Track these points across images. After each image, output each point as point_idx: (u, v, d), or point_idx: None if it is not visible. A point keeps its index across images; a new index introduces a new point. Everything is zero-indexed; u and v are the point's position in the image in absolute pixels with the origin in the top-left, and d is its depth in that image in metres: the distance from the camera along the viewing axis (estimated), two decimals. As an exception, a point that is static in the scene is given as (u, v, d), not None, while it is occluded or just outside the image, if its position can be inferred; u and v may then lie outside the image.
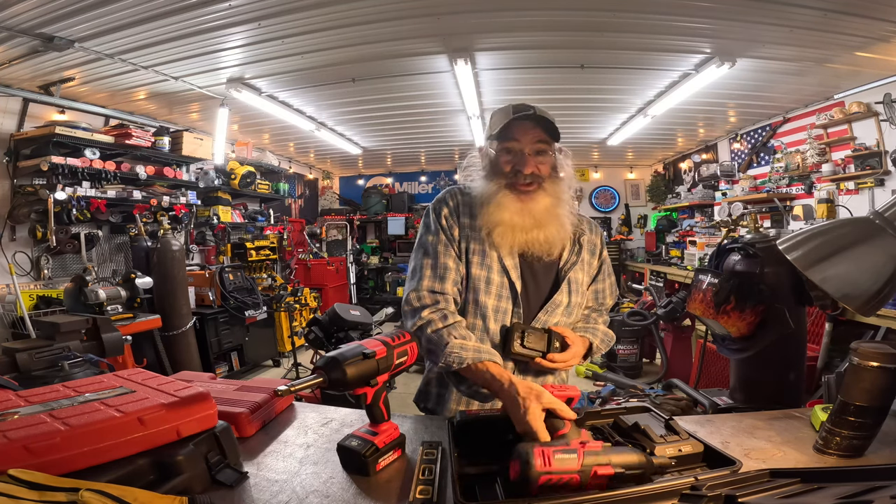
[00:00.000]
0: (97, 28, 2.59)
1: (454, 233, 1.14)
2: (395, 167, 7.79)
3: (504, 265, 1.11)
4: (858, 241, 0.97)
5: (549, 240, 1.11)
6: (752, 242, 1.60)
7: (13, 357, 1.32)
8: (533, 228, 1.09)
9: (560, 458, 0.65)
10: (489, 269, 1.11)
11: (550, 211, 1.11)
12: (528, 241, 1.10)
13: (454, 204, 1.17)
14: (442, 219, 1.15)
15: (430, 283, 1.11)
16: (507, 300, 1.12)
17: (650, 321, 4.02)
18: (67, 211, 3.28)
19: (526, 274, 1.14)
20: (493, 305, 1.11)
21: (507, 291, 1.12)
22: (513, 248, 1.11)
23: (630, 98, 4.25)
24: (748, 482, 0.66)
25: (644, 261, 6.81)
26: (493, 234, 1.10)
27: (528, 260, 1.14)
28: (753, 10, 2.56)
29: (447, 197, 1.18)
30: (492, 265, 1.12)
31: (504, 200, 1.09)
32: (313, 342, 2.94)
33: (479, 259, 1.12)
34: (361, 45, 3.05)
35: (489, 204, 1.11)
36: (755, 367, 1.59)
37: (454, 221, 1.15)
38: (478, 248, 1.13)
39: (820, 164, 4.09)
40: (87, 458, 0.67)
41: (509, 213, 1.09)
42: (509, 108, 1.10)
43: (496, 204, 1.10)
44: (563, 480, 0.64)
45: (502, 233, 1.09)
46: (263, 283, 5.09)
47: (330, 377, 0.76)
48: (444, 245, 1.13)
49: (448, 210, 1.16)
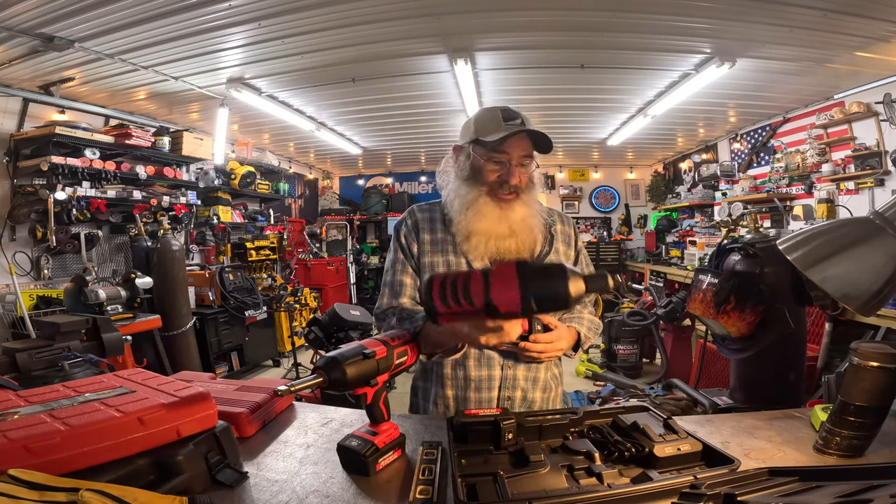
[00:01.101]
0: (97, 28, 2.59)
1: (413, 249, 1.19)
2: (395, 167, 7.79)
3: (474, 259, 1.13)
4: (858, 241, 0.97)
5: (519, 249, 1.12)
6: (752, 242, 1.61)
7: (13, 357, 1.32)
8: (508, 237, 1.11)
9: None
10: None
11: (525, 220, 1.12)
12: (500, 250, 1.11)
13: (412, 222, 1.21)
14: (401, 237, 1.21)
15: (388, 301, 1.18)
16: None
17: (650, 321, 4.03)
18: (67, 211, 3.28)
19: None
20: None
21: None
22: (484, 256, 1.13)
23: (630, 98, 4.25)
24: (747, 481, 0.66)
25: (644, 261, 6.82)
26: (469, 240, 1.12)
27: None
28: (753, 10, 2.56)
29: (406, 217, 1.23)
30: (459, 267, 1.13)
31: (485, 208, 1.10)
32: (313, 342, 2.95)
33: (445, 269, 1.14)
34: (361, 45, 3.05)
35: (468, 209, 1.11)
36: (755, 367, 1.59)
37: (413, 239, 1.19)
38: (441, 259, 1.15)
39: (820, 164, 4.09)
40: (87, 458, 0.67)
41: (488, 221, 1.10)
42: (497, 113, 1.09)
43: (476, 211, 1.10)
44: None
45: (477, 242, 1.11)
46: (263, 283, 5.09)
47: (330, 377, 0.76)
48: (402, 263, 1.19)
49: (406, 229, 1.21)
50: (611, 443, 0.82)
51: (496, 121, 1.08)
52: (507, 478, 0.73)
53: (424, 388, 1.22)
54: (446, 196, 1.19)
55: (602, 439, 0.84)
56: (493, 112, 1.11)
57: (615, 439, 0.82)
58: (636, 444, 0.79)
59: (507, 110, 1.10)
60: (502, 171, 1.09)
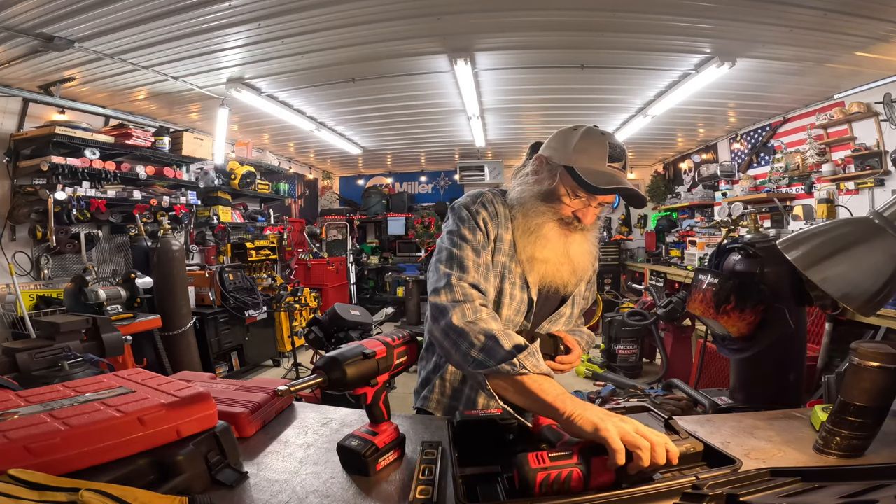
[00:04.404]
0: (97, 28, 2.59)
1: (490, 238, 1.08)
2: (395, 167, 7.79)
3: (527, 282, 1.11)
4: (858, 241, 0.97)
5: (566, 282, 1.11)
6: (752, 242, 1.61)
7: (13, 357, 1.32)
8: (564, 265, 1.09)
9: (555, 455, 0.66)
10: (513, 285, 1.11)
11: (584, 255, 1.10)
12: (554, 274, 1.09)
13: (492, 211, 1.09)
14: (480, 221, 1.07)
15: (475, 279, 0.99)
16: (521, 314, 1.13)
17: (650, 321, 4.02)
18: (67, 211, 3.28)
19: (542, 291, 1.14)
20: (507, 317, 1.12)
21: (524, 307, 1.13)
22: (538, 279, 1.11)
23: (630, 98, 4.25)
24: (749, 481, 0.66)
25: (644, 261, 6.81)
26: (529, 262, 1.09)
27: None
28: (753, 10, 2.56)
29: (485, 202, 1.09)
30: (516, 281, 1.11)
31: (550, 234, 1.06)
32: (313, 342, 2.94)
33: (506, 273, 1.11)
34: (361, 45, 3.05)
35: (533, 233, 1.07)
36: (755, 367, 1.59)
37: (493, 228, 1.08)
38: (506, 261, 1.10)
39: (820, 164, 4.08)
40: (87, 458, 0.67)
41: (549, 249, 1.07)
42: (604, 147, 1.00)
43: (541, 236, 1.06)
44: (564, 475, 0.64)
45: (537, 266, 1.09)
46: (263, 283, 5.09)
47: (330, 377, 0.76)
48: (483, 246, 1.06)
49: (487, 214, 1.08)
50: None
51: (601, 157, 1.00)
52: (508, 478, 0.73)
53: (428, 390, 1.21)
54: (514, 197, 1.11)
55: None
56: (600, 143, 1.01)
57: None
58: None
59: (615, 147, 1.00)
60: (581, 209, 1.05)
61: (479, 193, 1.12)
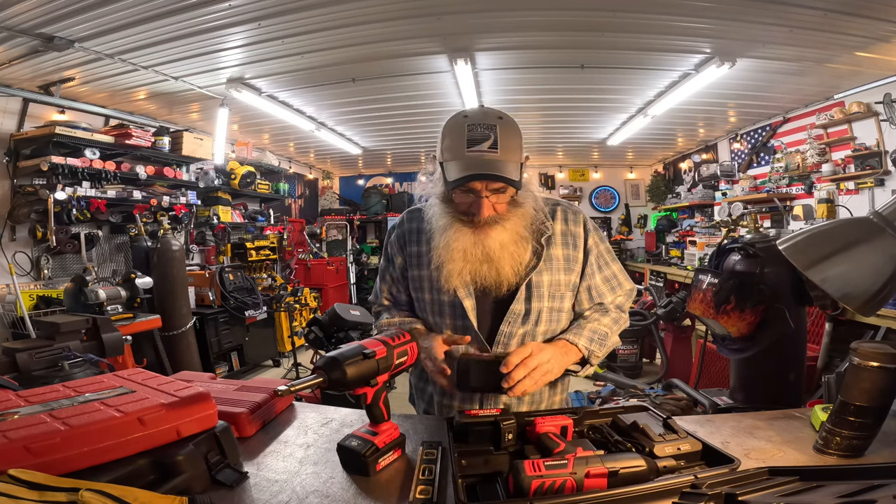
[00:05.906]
0: (97, 28, 2.59)
1: (396, 262, 1.18)
2: (395, 167, 7.79)
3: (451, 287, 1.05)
4: (858, 241, 0.97)
5: (498, 279, 1.02)
6: (752, 242, 1.61)
7: (13, 357, 1.32)
8: (483, 262, 1.01)
9: (550, 464, 0.67)
10: (438, 292, 1.08)
11: (505, 247, 1.01)
12: (475, 277, 1.02)
13: (400, 232, 1.18)
14: (390, 246, 1.20)
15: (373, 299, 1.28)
16: (461, 318, 1.07)
17: (650, 321, 4.02)
18: (67, 211, 3.28)
19: (477, 293, 1.07)
20: (450, 324, 1.09)
21: (460, 310, 1.07)
22: (462, 278, 1.04)
23: (630, 98, 4.25)
24: (748, 480, 0.66)
25: (644, 261, 6.81)
26: (442, 269, 1.03)
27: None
28: (753, 10, 2.56)
29: (395, 226, 1.21)
30: (441, 287, 1.07)
31: (458, 235, 1.00)
32: (313, 342, 2.93)
33: (427, 284, 1.11)
34: (361, 45, 3.05)
35: (441, 235, 1.03)
36: (755, 367, 1.59)
37: (398, 251, 1.18)
38: (425, 273, 1.10)
39: (820, 164, 4.09)
40: (87, 458, 0.67)
41: (461, 250, 1.00)
42: (462, 132, 0.93)
43: (448, 240, 1.01)
44: (557, 484, 0.65)
45: (451, 270, 1.02)
46: (263, 283, 5.09)
47: (330, 377, 0.76)
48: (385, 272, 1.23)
49: (395, 238, 1.19)
50: (611, 443, 0.82)
51: (460, 144, 0.93)
52: (504, 480, 0.73)
53: (422, 389, 1.22)
54: (428, 205, 1.10)
55: (602, 439, 0.85)
56: (458, 129, 0.94)
57: (615, 439, 0.82)
58: (636, 443, 0.79)
59: (474, 128, 0.93)
60: (473, 202, 0.97)
61: (397, 220, 1.23)
